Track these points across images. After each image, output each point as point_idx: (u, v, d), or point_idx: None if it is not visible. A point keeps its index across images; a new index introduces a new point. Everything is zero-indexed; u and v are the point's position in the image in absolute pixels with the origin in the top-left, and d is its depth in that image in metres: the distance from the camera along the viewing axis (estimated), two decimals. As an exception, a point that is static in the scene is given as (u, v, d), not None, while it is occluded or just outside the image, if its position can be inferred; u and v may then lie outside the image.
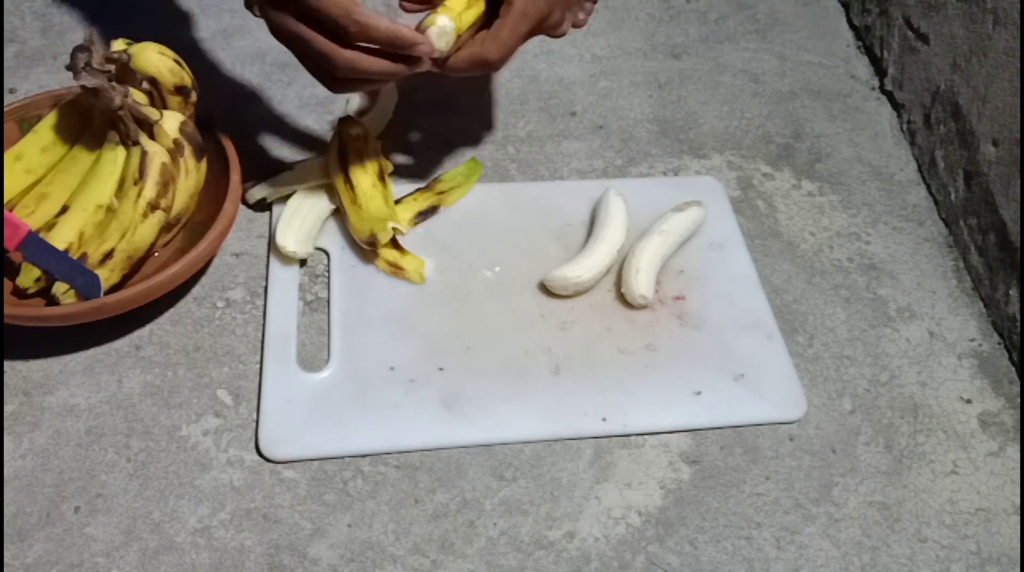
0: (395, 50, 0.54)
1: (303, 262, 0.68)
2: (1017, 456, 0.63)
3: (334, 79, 0.56)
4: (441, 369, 0.62)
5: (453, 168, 0.74)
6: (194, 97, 0.64)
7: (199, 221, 0.65)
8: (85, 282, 0.59)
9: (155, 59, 0.61)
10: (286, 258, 0.67)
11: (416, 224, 0.71)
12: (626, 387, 0.62)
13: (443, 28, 0.56)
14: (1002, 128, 0.70)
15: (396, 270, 0.67)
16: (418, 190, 0.72)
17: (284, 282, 0.66)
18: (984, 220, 0.72)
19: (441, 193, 0.72)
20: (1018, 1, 0.67)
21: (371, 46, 0.54)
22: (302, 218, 0.67)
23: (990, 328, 0.70)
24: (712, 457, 0.61)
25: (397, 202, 0.70)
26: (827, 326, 0.69)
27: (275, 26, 0.54)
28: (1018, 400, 0.66)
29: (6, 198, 0.63)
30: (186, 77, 0.63)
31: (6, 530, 0.54)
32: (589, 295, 0.67)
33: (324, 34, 0.53)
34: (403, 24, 0.54)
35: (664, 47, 0.90)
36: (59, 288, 0.59)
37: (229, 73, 0.82)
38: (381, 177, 0.68)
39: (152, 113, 0.61)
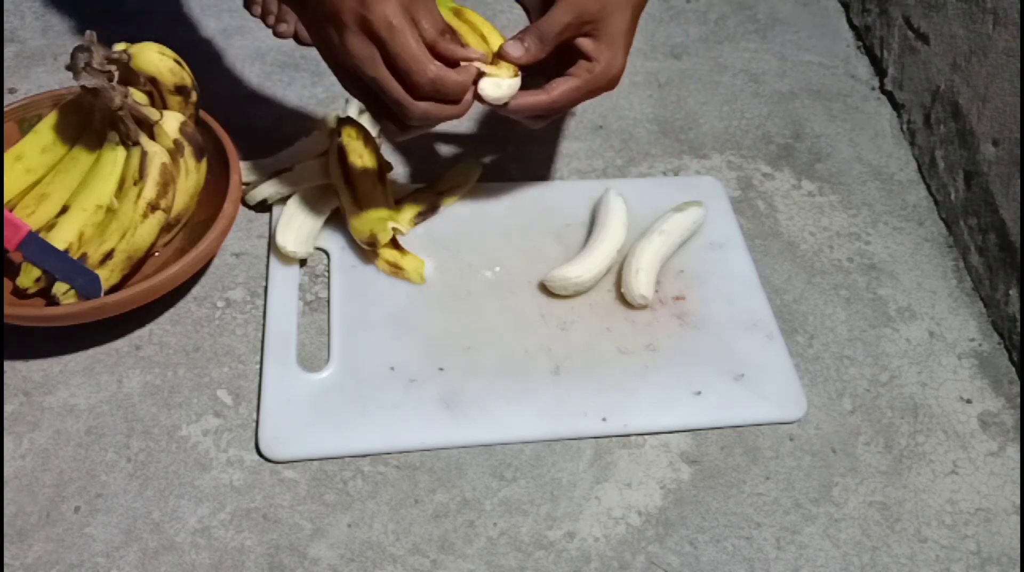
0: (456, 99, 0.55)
1: (303, 262, 0.68)
2: (1017, 456, 0.63)
3: (403, 125, 0.56)
4: (441, 369, 0.62)
5: (453, 168, 0.74)
6: (194, 97, 0.64)
7: (199, 221, 0.65)
8: (85, 282, 0.59)
9: (155, 59, 0.61)
10: (286, 258, 0.67)
11: (416, 224, 0.71)
12: (626, 387, 0.62)
13: (498, 84, 0.57)
14: (1002, 128, 0.70)
15: (396, 270, 0.67)
16: (418, 190, 0.72)
17: (284, 282, 0.66)
18: (984, 220, 0.72)
19: (441, 193, 0.72)
20: (1018, 1, 0.67)
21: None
22: (302, 218, 0.67)
23: (990, 328, 0.70)
24: (712, 457, 0.61)
25: (397, 202, 0.70)
26: (827, 326, 0.69)
27: (353, 68, 0.53)
28: (1018, 400, 0.66)
29: (6, 198, 0.63)
30: (186, 77, 0.63)
31: (6, 530, 0.54)
32: (589, 295, 0.67)
33: (400, 82, 0.53)
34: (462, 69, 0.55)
35: (664, 47, 0.90)
36: (59, 288, 0.59)
37: (229, 73, 0.82)
38: (381, 177, 0.68)
39: (152, 113, 0.61)
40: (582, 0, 0.56)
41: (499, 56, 0.58)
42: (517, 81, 0.57)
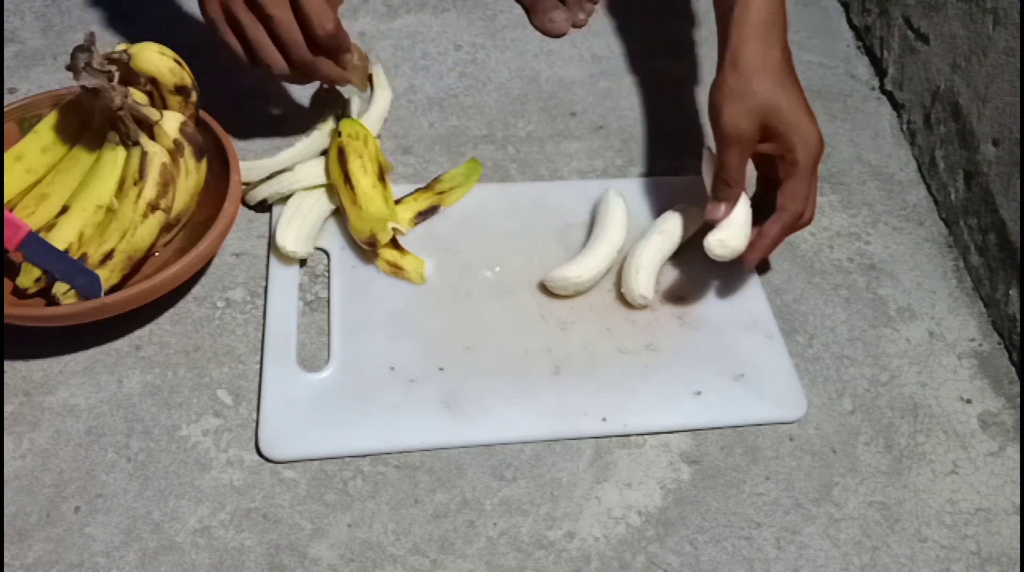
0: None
1: (303, 262, 0.68)
2: (1017, 456, 0.63)
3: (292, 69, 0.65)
4: (441, 369, 0.62)
5: (453, 168, 0.74)
6: (194, 97, 0.64)
7: (199, 221, 0.65)
8: (85, 282, 0.59)
9: (155, 59, 0.61)
10: (286, 258, 0.67)
11: (416, 224, 0.71)
12: (626, 387, 0.62)
13: (724, 244, 0.62)
14: (1002, 128, 0.70)
15: (396, 270, 0.67)
16: (418, 190, 0.72)
17: (284, 282, 0.66)
18: (984, 220, 0.72)
19: (441, 193, 0.72)
20: (1018, 1, 0.67)
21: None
22: (302, 218, 0.67)
23: (990, 328, 0.70)
24: (712, 457, 0.61)
25: (397, 202, 0.70)
26: (827, 326, 0.69)
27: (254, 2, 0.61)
28: (1018, 400, 0.66)
29: (6, 198, 0.63)
30: (186, 77, 0.63)
31: (6, 530, 0.54)
32: (589, 295, 0.67)
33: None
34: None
35: (664, 47, 0.90)
36: (59, 288, 0.59)
37: (229, 73, 0.82)
38: (381, 177, 0.68)
39: (152, 113, 0.61)
40: (750, 139, 0.63)
41: (710, 220, 0.64)
42: (745, 238, 0.62)
